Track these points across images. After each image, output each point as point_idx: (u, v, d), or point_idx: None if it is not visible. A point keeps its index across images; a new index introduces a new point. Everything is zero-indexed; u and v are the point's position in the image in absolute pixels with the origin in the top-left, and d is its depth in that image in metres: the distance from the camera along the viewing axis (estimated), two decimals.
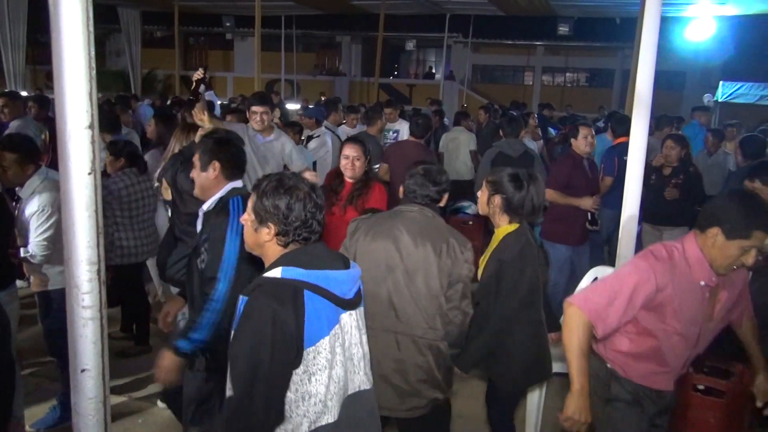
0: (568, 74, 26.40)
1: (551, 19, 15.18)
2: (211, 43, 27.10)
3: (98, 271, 1.29)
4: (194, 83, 4.69)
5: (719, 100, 15.48)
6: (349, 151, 4.24)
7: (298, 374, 1.81)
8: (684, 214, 5.16)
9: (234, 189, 2.85)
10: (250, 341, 1.73)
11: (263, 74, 10.03)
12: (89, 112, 1.23)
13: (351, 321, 2.00)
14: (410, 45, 21.10)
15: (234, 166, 2.89)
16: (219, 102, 11.85)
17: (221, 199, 2.83)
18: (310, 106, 12.50)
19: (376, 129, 6.86)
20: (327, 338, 1.85)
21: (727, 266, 2.36)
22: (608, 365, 2.65)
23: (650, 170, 6.00)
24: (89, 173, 1.26)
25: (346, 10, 15.59)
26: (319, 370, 1.84)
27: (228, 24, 18.02)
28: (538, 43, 24.00)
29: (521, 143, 6.33)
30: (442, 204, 3.02)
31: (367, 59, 25.02)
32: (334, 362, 1.89)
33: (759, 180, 3.51)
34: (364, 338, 2.10)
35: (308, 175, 5.11)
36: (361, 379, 2.06)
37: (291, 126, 6.44)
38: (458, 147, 8.38)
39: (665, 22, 3.12)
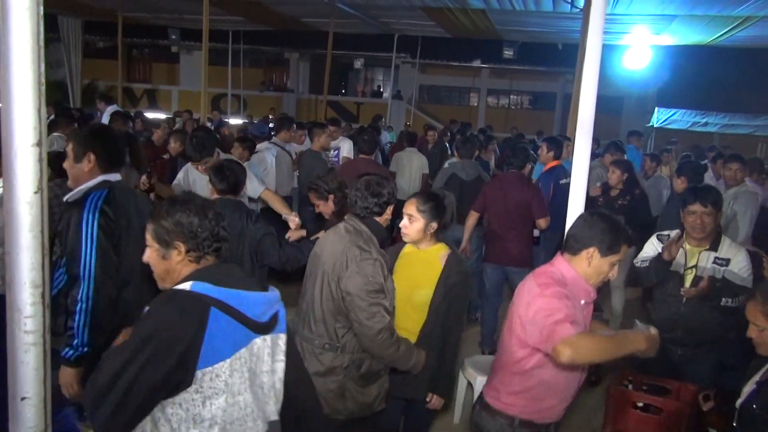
0: (512, 96, 27.03)
1: (496, 43, 15.55)
2: (156, 55, 26.54)
3: (42, 294, 1.23)
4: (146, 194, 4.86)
5: (655, 126, 16.14)
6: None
7: (189, 393, 1.71)
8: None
9: (104, 182, 2.77)
10: (132, 343, 1.65)
11: (209, 89, 9.89)
12: (37, 129, 1.19)
13: (264, 346, 1.92)
14: (358, 63, 21.20)
15: (110, 158, 2.82)
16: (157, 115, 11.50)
17: (89, 190, 2.77)
18: (256, 121, 12.43)
19: (319, 145, 6.90)
20: (228, 361, 1.77)
21: (599, 282, 2.57)
22: (503, 417, 2.63)
23: (596, 196, 6.23)
24: (36, 192, 1.21)
25: (294, 27, 15.58)
26: (216, 393, 1.75)
27: (174, 37, 17.69)
28: (483, 65, 24.52)
29: (476, 167, 6.39)
30: (385, 217, 3.04)
31: (314, 76, 25.01)
32: (240, 388, 1.82)
33: (710, 203, 3.67)
34: (280, 366, 1.99)
35: (270, 199, 5.04)
36: (271, 410, 1.98)
37: (242, 141, 6.38)
38: (404, 167, 8.44)
39: (604, 50, 3.23)
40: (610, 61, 12.81)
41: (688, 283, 3.76)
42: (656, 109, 16.82)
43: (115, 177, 2.81)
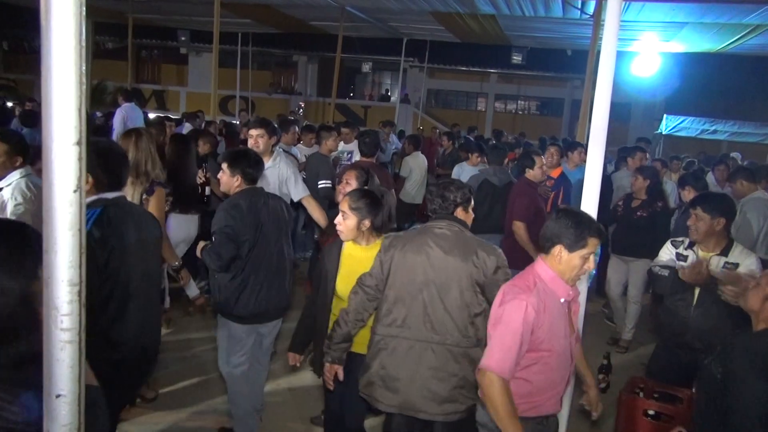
0: (520, 102, 27.01)
1: (505, 48, 15.57)
2: (165, 56, 26.64)
3: (79, 292, 1.24)
4: (200, 188, 5.03)
5: (663, 133, 16.08)
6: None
7: None
8: (649, 247, 4.89)
9: (99, 200, 2.76)
10: None
11: (218, 90, 9.92)
12: (78, 128, 1.20)
13: None
14: (366, 67, 21.23)
15: (109, 180, 2.81)
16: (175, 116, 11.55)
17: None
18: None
19: (327, 149, 6.93)
20: None
21: (575, 276, 2.64)
22: None
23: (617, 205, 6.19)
24: (75, 191, 1.22)
25: (303, 30, 15.62)
26: None
27: (183, 38, 17.77)
28: (491, 70, 24.49)
29: (506, 173, 6.45)
30: (461, 216, 3.15)
31: (322, 79, 25.06)
32: None
33: (699, 207, 3.77)
34: None
35: (310, 206, 5.05)
36: None
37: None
38: (411, 171, 8.49)
39: None
40: (618, 67, 12.75)
41: (697, 289, 3.78)
42: (665, 116, 16.74)
43: (113, 194, 2.80)
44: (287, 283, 3.87)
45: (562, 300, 2.62)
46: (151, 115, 12.40)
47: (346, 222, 3.21)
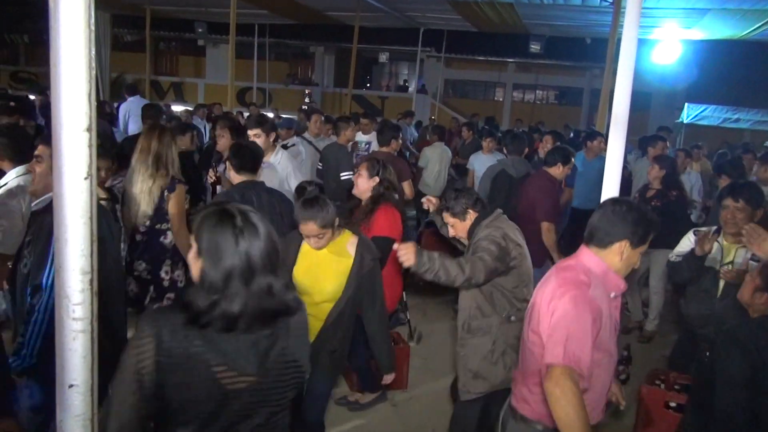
0: (538, 91, 26.74)
1: (523, 37, 15.42)
2: (183, 48, 26.73)
3: (91, 281, 1.23)
4: (212, 187, 5.07)
5: (684, 122, 15.84)
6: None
7: None
8: (664, 237, 4.89)
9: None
10: None
11: (235, 82, 9.94)
12: (88, 114, 1.18)
13: None
14: (383, 57, 21.14)
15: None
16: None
17: None
18: (285, 116, 12.55)
19: (345, 139, 6.89)
20: None
21: (627, 272, 2.50)
22: (542, 426, 2.46)
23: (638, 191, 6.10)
24: (85, 178, 1.20)
25: (320, 21, 15.59)
26: None
27: (200, 30, 17.81)
28: (509, 59, 24.26)
29: (525, 164, 6.28)
30: None
31: (339, 70, 24.99)
32: None
33: (742, 199, 3.67)
34: None
35: None
36: None
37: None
38: (431, 163, 8.41)
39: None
40: (639, 55, 12.57)
41: (722, 282, 3.72)
42: (686, 105, 16.48)
43: None
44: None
45: (612, 295, 2.43)
46: (177, 108, 12.51)
47: (323, 240, 3.06)
